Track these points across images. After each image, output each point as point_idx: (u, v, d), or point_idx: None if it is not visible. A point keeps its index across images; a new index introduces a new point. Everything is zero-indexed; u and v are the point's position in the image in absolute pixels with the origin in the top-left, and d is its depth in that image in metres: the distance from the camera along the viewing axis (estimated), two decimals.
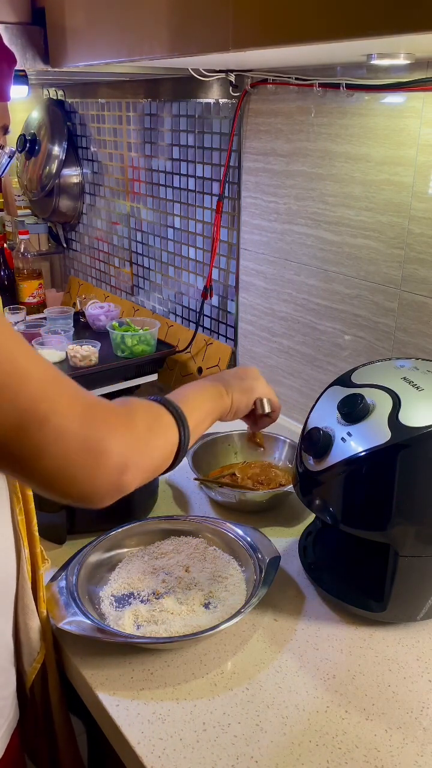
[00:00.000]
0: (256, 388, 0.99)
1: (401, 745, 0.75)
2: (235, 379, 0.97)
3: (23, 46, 1.15)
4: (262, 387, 1.00)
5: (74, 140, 2.11)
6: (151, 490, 1.20)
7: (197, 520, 1.10)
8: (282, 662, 0.87)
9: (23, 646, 0.85)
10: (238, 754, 0.74)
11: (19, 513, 0.82)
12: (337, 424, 0.87)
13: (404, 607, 0.90)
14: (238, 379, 0.98)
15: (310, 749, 0.75)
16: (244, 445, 1.35)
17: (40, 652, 0.86)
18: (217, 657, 0.88)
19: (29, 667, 0.86)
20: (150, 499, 1.19)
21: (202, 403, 0.88)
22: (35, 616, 0.85)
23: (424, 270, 1.09)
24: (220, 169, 1.49)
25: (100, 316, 1.77)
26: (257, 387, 0.99)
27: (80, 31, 1.09)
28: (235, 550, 1.04)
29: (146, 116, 1.73)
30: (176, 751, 0.75)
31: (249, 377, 0.99)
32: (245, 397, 0.96)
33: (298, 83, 1.22)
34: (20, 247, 2.13)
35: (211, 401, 0.90)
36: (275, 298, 1.42)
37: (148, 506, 1.18)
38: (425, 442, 0.80)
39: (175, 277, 1.76)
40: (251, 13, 0.77)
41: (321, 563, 1.01)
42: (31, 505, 0.83)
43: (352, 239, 1.20)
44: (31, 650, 0.85)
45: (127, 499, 1.14)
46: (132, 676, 0.85)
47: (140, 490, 1.13)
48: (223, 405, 0.93)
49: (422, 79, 1.01)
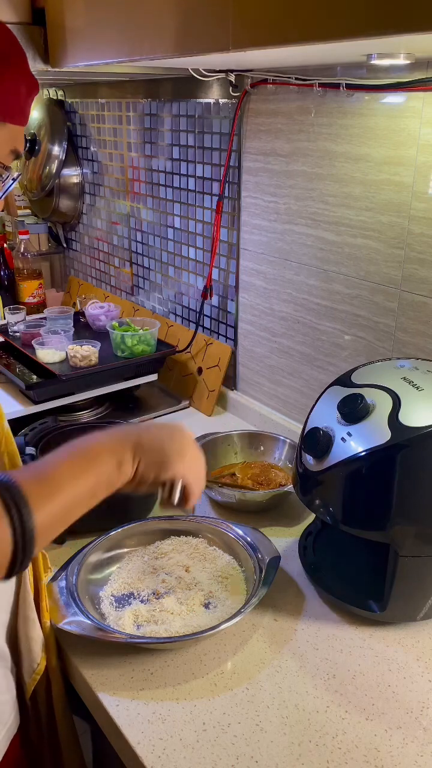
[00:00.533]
0: (172, 466, 0.76)
1: (401, 745, 0.75)
2: (154, 443, 0.75)
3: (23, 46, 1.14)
4: (184, 466, 0.77)
5: (74, 140, 2.11)
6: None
7: (197, 520, 1.10)
8: (282, 662, 0.87)
9: (23, 657, 0.85)
10: (238, 754, 0.74)
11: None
12: (337, 424, 0.87)
13: (404, 607, 0.90)
14: (157, 444, 0.75)
15: (310, 749, 0.75)
16: (244, 445, 1.35)
17: (41, 663, 0.85)
18: (217, 657, 0.88)
19: (29, 677, 0.86)
20: (150, 498, 1.19)
21: (76, 480, 0.66)
22: (37, 627, 0.84)
23: (424, 270, 1.09)
24: (220, 169, 1.49)
25: (100, 316, 1.77)
26: (176, 464, 0.76)
27: (80, 31, 1.09)
28: (235, 550, 1.04)
29: (146, 116, 1.73)
30: (176, 751, 0.75)
31: (173, 448, 0.76)
32: (153, 473, 0.74)
33: (298, 83, 1.22)
34: (20, 247, 2.13)
35: (94, 478, 0.68)
36: (275, 298, 1.42)
37: (148, 506, 1.18)
38: (425, 442, 0.80)
39: (175, 277, 1.76)
40: (251, 13, 0.77)
41: (321, 563, 1.01)
42: None
43: (352, 239, 1.20)
44: (32, 661, 0.85)
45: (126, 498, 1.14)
46: (132, 676, 0.85)
47: None
48: (117, 476, 0.71)
49: (422, 79, 1.01)
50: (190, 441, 0.81)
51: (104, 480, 0.69)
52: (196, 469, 0.80)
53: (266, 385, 1.52)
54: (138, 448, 0.73)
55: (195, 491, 0.80)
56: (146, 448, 0.74)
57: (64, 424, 1.30)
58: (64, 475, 0.65)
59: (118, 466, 0.70)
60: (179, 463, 0.76)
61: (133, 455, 0.72)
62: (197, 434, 1.34)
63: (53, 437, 1.25)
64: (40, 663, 0.85)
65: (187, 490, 0.79)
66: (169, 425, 0.81)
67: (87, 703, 0.86)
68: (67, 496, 0.64)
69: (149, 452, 0.74)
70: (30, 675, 0.85)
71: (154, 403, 1.66)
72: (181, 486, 0.78)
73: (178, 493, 0.78)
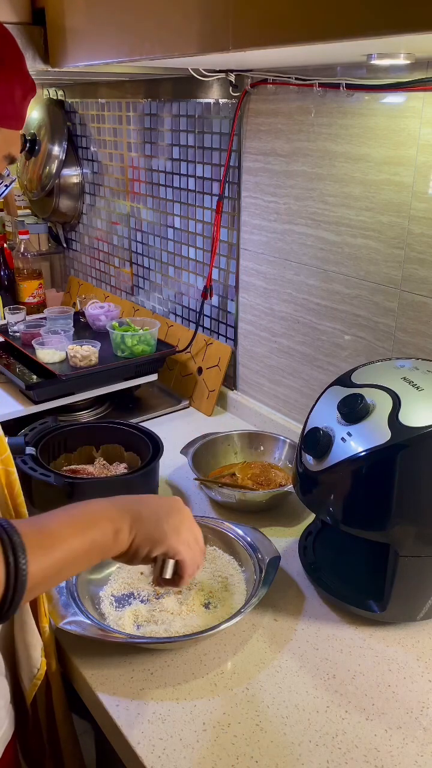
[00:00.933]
0: (166, 542, 0.75)
1: (401, 745, 0.75)
2: (151, 516, 0.75)
3: (23, 46, 1.15)
4: (178, 541, 0.77)
5: (74, 140, 2.11)
6: (149, 490, 1.20)
7: (197, 520, 1.09)
8: (282, 662, 0.87)
9: (22, 663, 0.85)
10: (238, 754, 0.74)
11: None
12: (337, 424, 0.87)
13: (404, 607, 0.90)
14: (154, 519, 0.75)
15: (310, 749, 0.75)
16: (244, 445, 1.35)
17: (41, 668, 0.85)
18: (217, 657, 0.88)
19: (29, 683, 0.85)
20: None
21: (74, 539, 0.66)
22: (35, 632, 0.84)
23: (424, 270, 1.09)
24: (220, 169, 1.49)
25: (100, 316, 1.77)
26: (170, 540, 0.75)
27: (80, 31, 1.09)
28: (235, 550, 1.04)
29: (146, 116, 1.73)
30: (176, 751, 0.75)
31: (170, 524, 0.76)
32: (147, 547, 0.74)
33: (298, 83, 1.22)
34: (20, 247, 2.13)
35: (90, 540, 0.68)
36: (275, 298, 1.42)
37: None
38: (425, 442, 0.80)
39: (175, 277, 1.76)
40: (251, 13, 0.77)
41: (321, 563, 1.01)
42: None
43: (352, 239, 1.20)
44: (31, 667, 0.85)
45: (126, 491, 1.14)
46: (132, 676, 0.85)
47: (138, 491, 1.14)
48: (113, 544, 0.71)
49: (422, 79, 1.01)
50: (187, 517, 0.80)
51: (99, 545, 0.69)
52: (192, 546, 0.79)
53: (266, 385, 1.52)
54: (136, 520, 0.73)
55: (189, 570, 0.79)
56: (144, 521, 0.73)
57: (64, 424, 1.30)
58: (63, 532, 0.66)
59: (114, 535, 0.70)
60: (174, 539, 0.76)
61: (130, 527, 0.72)
62: (197, 434, 1.34)
63: (53, 437, 1.25)
64: (40, 668, 0.84)
65: (180, 568, 0.78)
66: (168, 500, 0.81)
67: (87, 703, 0.86)
68: (63, 553, 0.65)
69: (146, 526, 0.73)
70: (30, 680, 0.85)
71: (154, 403, 1.66)
72: (174, 563, 0.78)
73: (170, 570, 0.78)
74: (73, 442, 1.29)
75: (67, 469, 1.23)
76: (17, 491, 0.81)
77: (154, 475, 1.22)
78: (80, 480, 1.14)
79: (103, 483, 1.17)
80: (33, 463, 1.13)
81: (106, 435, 1.31)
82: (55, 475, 1.11)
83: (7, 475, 0.80)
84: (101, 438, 1.31)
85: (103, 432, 1.31)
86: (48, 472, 1.11)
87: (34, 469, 1.11)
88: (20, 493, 0.81)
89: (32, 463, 1.13)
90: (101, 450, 1.30)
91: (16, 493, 0.81)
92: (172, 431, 1.48)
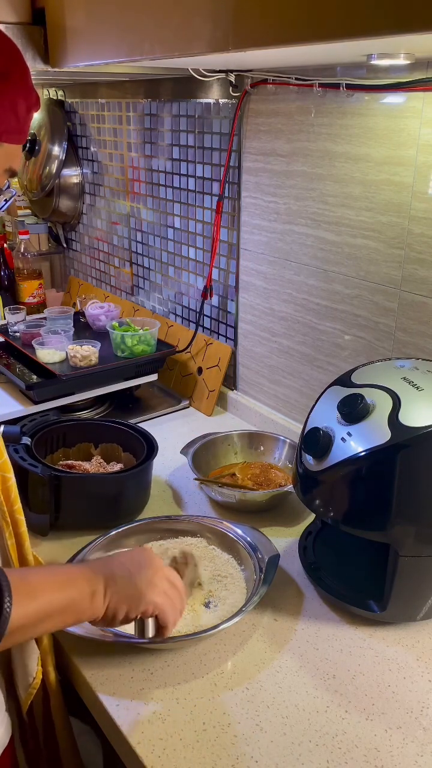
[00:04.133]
0: (144, 597, 0.75)
1: (401, 745, 0.75)
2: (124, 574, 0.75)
3: (23, 46, 1.15)
4: (155, 593, 0.76)
5: (74, 140, 2.11)
6: (140, 491, 1.19)
7: (197, 520, 1.10)
8: (282, 662, 0.87)
9: (17, 671, 0.84)
10: (238, 754, 0.74)
11: (9, 537, 0.81)
12: (337, 424, 0.87)
13: (404, 607, 0.90)
14: (127, 576, 0.75)
15: (310, 749, 0.75)
16: (244, 445, 1.35)
17: (36, 677, 0.84)
18: (217, 657, 0.88)
19: (24, 692, 0.85)
20: (138, 500, 1.18)
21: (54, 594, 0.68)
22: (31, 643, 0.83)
23: (424, 270, 1.09)
24: (220, 169, 1.49)
25: (100, 316, 1.77)
26: (147, 594, 0.75)
27: (80, 31, 1.08)
28: (235, 550, 1.04)
29: (146, 116, 1.73)
30: (176, 751, 0.75)
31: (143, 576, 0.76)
32: (125, 608, 0.73)
33: (298, 83, 1.22)
34: (20, 247, 2.13)
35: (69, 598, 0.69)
36: (275, 298, 1.42)
37: (138, 507, 1.18)
38: (425, 442, 0.80)
39: (175, 277, 1.76)
40: (251, 13, 0.77)
41: (321, 563, 1.01)
42: (21, 529, 0.82)
43: (352, 239, 1.20)
44: (27, 676, 0.84)
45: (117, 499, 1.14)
46: (132, 676, 0.85)
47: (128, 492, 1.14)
48: (89, 605, 0.71)
49: (422, 79, 1.01)
50: (159, 567, 0.79)
51: (77, 604, 0.70)
52: (170, 593, 0.78)
53: (266, 385, 1.52)
54: (110, 580, 0.73)
55: (170, 618, 0.78)
56: (118, 580, 0.74)
57: (64, 419, 1.30)
58: (45, 586, 0.68)
59: (90, 596, 0.71)
60: (150, 592, 0.76)
61: (105, 588, 0.73)
62: (197, 434, 1.34)
63: (52, 430, 1.25)
64: (36, 677, 0.84)
65: (161, 620, 0.78)
66: (137, 553, 0.80)
67: (87, 704, 0.86)
68: (43, 605, 0.67)
69: (120, 584, 0.74)
70: (26, 690, 0.84)
71: (154, 403, 1.66)
72: (153, 620, 0.78)
73: (152, 628, 0.79)
74: (72, 437, 1.29)
75: (63, 464, 1.22)
76: (14, 497, 0.81)
77: (145, 476, 1.19)
78: (64, 474, 1.10)
79: (90, 480, 1.14)
80: (25, 453, 1.11)
81: (105, 433, 1.30)
82: (43, 467, 1.07)
83: (3, 481, 0.79)
84: (100, 436, 1.30)
85: (102, 430, 1.31)
86: (37, 463, 1.08)
87: (23, 458, 1.09)
88: (17, 500, 0.81)
89: (24, 452, 1.11)
90: (100, 448, 1.30)
91: (13, 500, 0.80)
92: (172, 431, 1.48)
